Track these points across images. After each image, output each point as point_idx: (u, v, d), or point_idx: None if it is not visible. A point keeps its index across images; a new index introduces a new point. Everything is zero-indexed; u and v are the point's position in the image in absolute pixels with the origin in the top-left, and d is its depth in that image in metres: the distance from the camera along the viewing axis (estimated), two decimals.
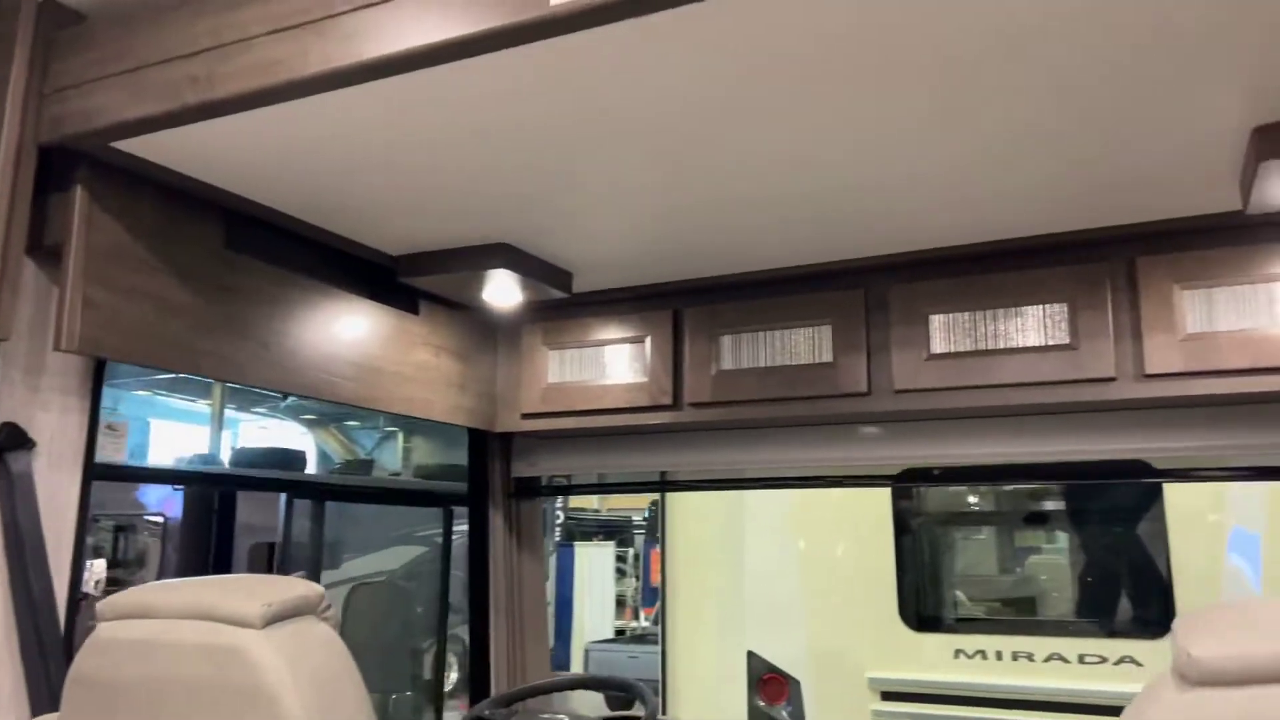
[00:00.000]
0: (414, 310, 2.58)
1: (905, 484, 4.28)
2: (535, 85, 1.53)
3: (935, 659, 4.49)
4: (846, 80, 1.51)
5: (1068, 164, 1.81)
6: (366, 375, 2.39)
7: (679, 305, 2.67)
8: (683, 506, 5.28)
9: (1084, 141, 1.72)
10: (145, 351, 1.83)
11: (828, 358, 2.45)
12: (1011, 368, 2.24)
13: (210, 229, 2.01)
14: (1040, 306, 2.24)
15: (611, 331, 2.74)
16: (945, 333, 2.33)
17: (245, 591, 1.40)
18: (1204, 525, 4.24)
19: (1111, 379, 2.16)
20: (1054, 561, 4.82)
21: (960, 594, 4.83)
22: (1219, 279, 2.08)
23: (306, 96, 1.53)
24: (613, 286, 2.68)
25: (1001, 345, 2.27)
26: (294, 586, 1.44)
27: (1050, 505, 4.74)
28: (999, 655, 4.35)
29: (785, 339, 2.51)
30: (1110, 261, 2.19)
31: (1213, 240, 2.09)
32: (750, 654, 4.83)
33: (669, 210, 2.07)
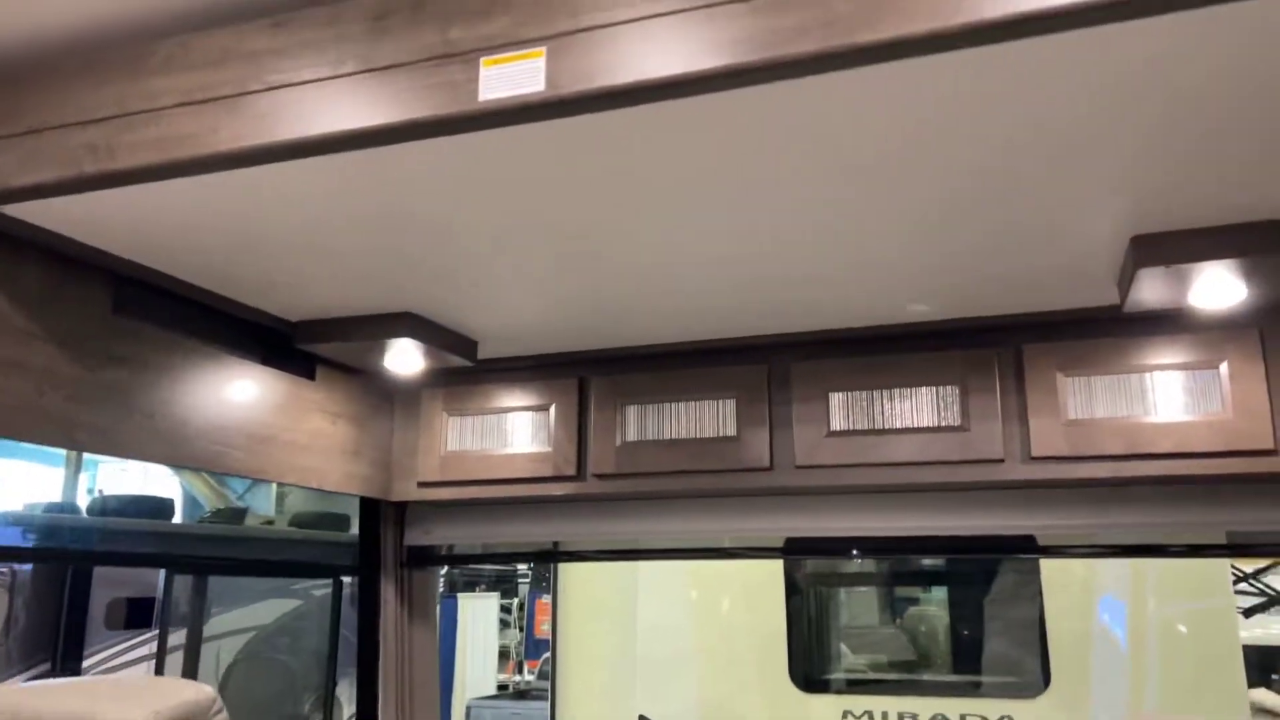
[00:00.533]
0: (310, 376, 2.50)
1: (794, 555, 4.33)
2: (448, 171, 1.51)
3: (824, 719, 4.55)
4: (750, 183, 1.55)
5: (960, 260, 1.90)
6: (258, 445, 2.28)
7: (585, 374, 2.66)
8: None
9: (974, 241, 1.81)
10: (18, 427, 1.71)
11: (731, 431, 2.48)
12: (907, 446, 2.32)
13: (97, 294, 1.90)
14: (934, 388, 2.33)
15: (515, 399, 2.71)
16: (844, 411, 2.39)
17: (132, 697, 1.30)
18: (1077, 592, 4.45)
19: (1000, 460, 2.26)
20: (937, 625, 4.97)
21: (847, 656, 4.92)
22: (1098, 368, 2.21)
23: (214, 172, 1.47)
24: (518, 354, 2.66)
25: (898, 425, 2.34)
26: (182, 690, 1.35)
27: (934, 569, 4.90)
28: (885, 716, 4.44)
29: (690, 411, 2.53)
30: (999, 348, 2.30)
31: (1093, 331, 2.22)
32: (641, 718, 4.79)
33: (577, 287, 2.07)
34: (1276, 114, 1.35)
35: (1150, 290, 1.89)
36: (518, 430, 2.69)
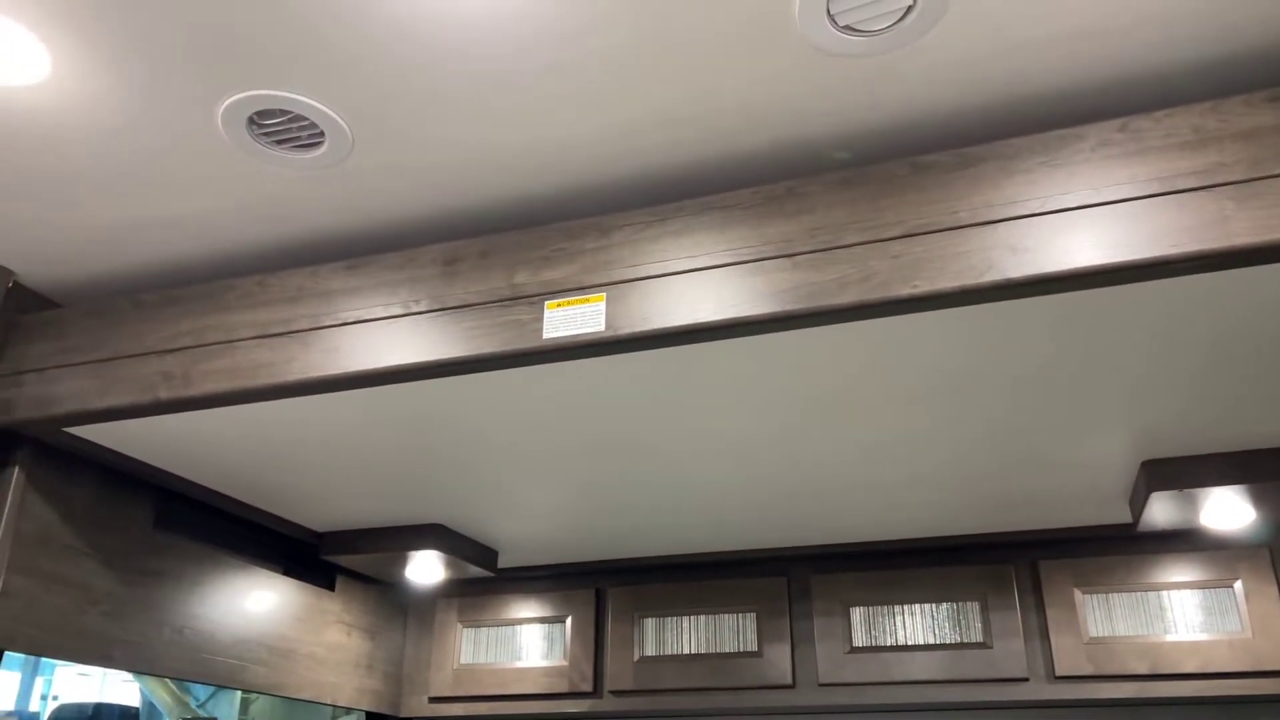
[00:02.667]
0: (330, 587, 2.50)
1: None
2: (483, 395, 1.60)
3: None
4: (781, 408, 1.65)
5: (976, 480, 1.98)
6: (279, 659, 2.26)
7: (602, 584, 2.67)
8: None
9: (991, 464, 1.89)
10: (57, 645, 1.70)
11: (753, 647, 2.47)
12: (931, 664, 2.31)
13: (141, 510, 1.94)
14: (954, 604, 2.36)
15: (531, 609, 2.70)
16: (865, 626, 2.40)
17: None
18: None
19: (1025, 679, 2.25)
20: None
21: None
22: (1115, 585, 2.25)
23: (283, 399, 1.56)
24: (536, 564, 2.67)
25: (920, 640, 2.34)
26: None
27: None
28: None
29: (710, 625, 2.53)
30: (1015, 564, 2.35)
31: (1108, 549, 2.28)
32: None
33: (602, 499, 2.12)
34: (1273, 354, 1.47)
35: (1162, 512, 1.96)
36: (532, 643, 2.67)
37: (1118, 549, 2.28)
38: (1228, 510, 1.96)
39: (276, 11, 1.21)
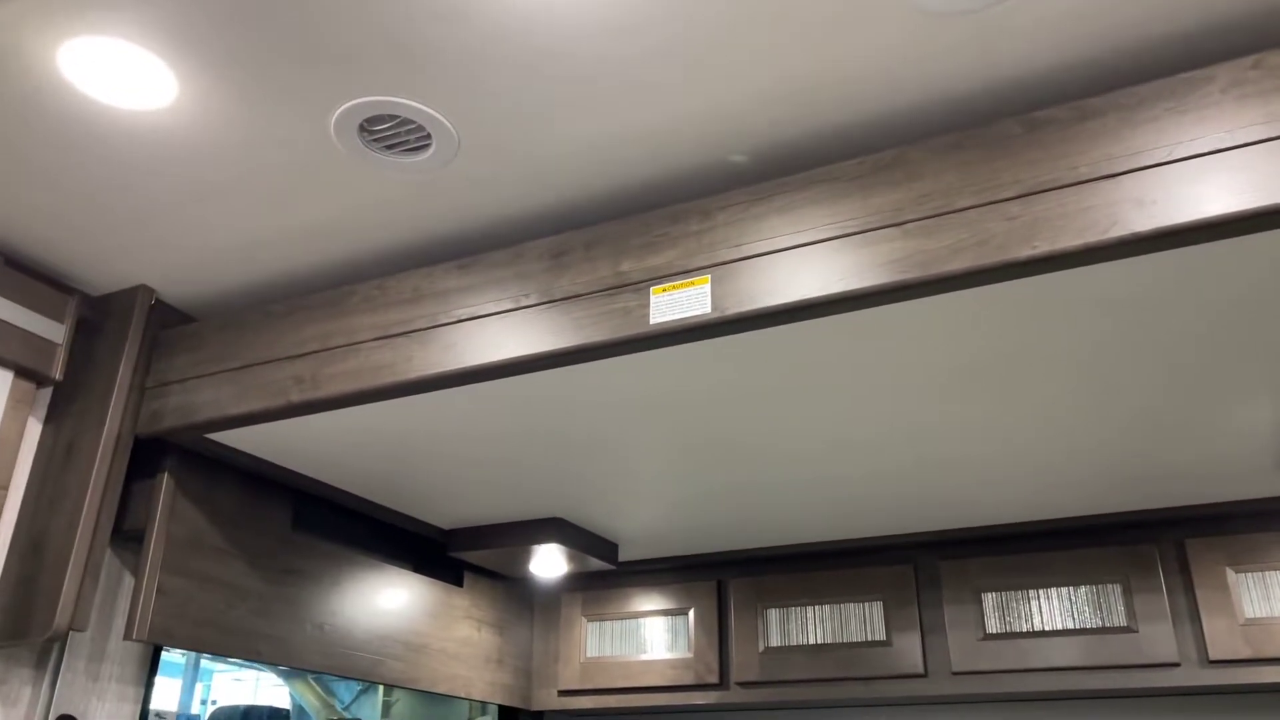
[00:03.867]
0: (459, 583, 2.56)
1: None
2: (603, 387, 1.61)
3: None
4: (902, 381, 1.60)
5: (1119, 455, 1.89)
6: (413, 654, 2.33)
7: (723, 576, 2.66)
8: None
9: (1134, 439, 1.80)
10: (211, 640, 1.80)
11: (881, 636, 2.41)
12: (1071, 650, 2.21)
13: (280, 512, 2.04)
14: (1093, 587, 2.25)
15: (653, 603, 2.71)
16: (999, 611, 2.32)
17: None
18: None
19: (1176, 664, 2.13)
20: None
21: None
22: (1273, 563, 2.10)
23: (406, 397, 1.61)
24: (656, 556, 2.68)
25: (1058, 626, 2.25)
26: None
27: None
28: None
29: (836, 615, 2.48)
30: (1159, 543, 2.22)
31: (1261, 524, 2.14)
32: None
33: (719, 489, 2.11)
34: None
35: None
36: (656, 635, 2.68)
37: (1272, 524, 2.13)
38: None
39: (379, 18, 1.25)
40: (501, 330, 1.52)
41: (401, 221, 1.66)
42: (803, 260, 1.37)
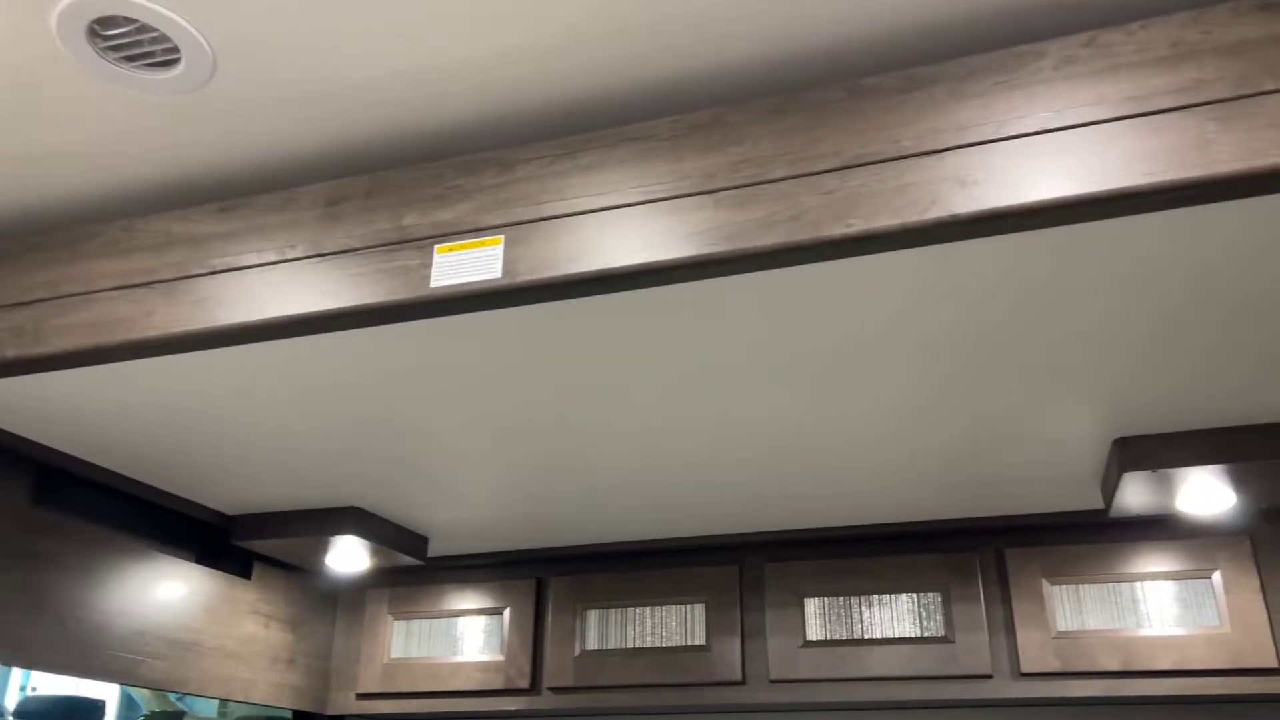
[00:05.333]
0: (246, 574, 2.31)
1: None
2: (400, 360, 1.43)
3: None
4: (717, 370, 1.48)
5: (937, 458, 1.82)
6: (181, 653, 2.08)
7: (543, 574, 2.50)
8: None
9: (951, 439, 1.73)
10: None
11: (701, 640, 2.30)
12: (890, 659, 2.15)
13: (15, 485, 1.76)
14: (914, 595, 2.20)
15: (467, 601, 2.53)
16: (822, 618, 2.24)
17: None
18: None
19: (989, 676, 2.09)
20: None
21: None
22: (1086, 575, 2.09)
23: (146, 358, 1.38)
24: (472, 552, 2.50)
25: (878, 634, 2.18)
26: None
27: None
28: None
29: (656, 617, 2.36)
30: (981, 552, 2.19)
31: (1078, 536, 2.12)
32: None
33: (536, 481, 1.95)
34: (1261, 322, 1.31)
35: (1136, 495, 1.80)
36: (469, 636, 2.50)
37: (1088, 536, 2.12)
38: (1206, 494, 1.80)
39: None
40: (261, 285, 1.31)
41: (155, 153, 1.42)
42: (607, 225, 1.21)
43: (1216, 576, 2.02)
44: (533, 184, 1.27)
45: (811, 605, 2.26)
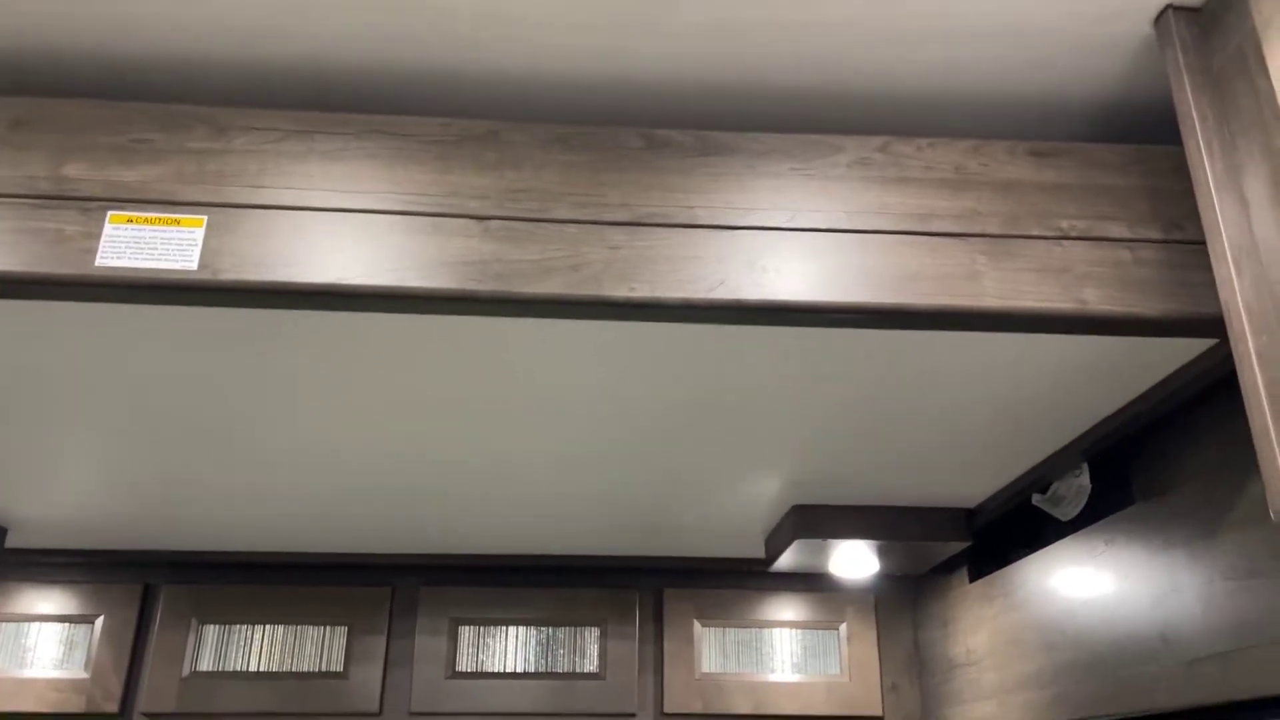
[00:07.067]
0: None
1: None
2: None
3: None
4: (416, 409, 1.32)
5: (629, 504, 1.79)
6: None
7: (155, 580, 2.13)
8: None
9: (650, 492, 1.71)
10: None
11: (339, 667, 2.08)
12: (538, 694, 2.09)
13: None
14: (573, 629, 2.16)
15: (50, 605, 2.09)
16: (473, 648, 2.13)
17: None
18: None
19: (633, 715, 2.11)
20: None
21: None
22: (733, 620, 2.18)
23: None
24: (62, 547, 2.06)
25: (533, 669, 2.12)
26: None
27: None
28: None
29: (291, 639, 2.10)
30: (640, 590, 2.20)
31: (730, 582, 2.21)
32: None
33: (152, 475, 1.62)
34: (906, 429, 1.40)
35: (798, 555, 1.90)
36: (46, 647, 2.06)
37: (740, 583, 2.21)
38: (857, 560, 1.94)
39: None
40: None
41: None
42: (345, 231, 1.01)
43: (843, 629, 2.20)
44: (253, 159, 1.02)
45: (465, 634, 2.14)
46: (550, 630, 2.16)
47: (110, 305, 1.03)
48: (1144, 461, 1.42)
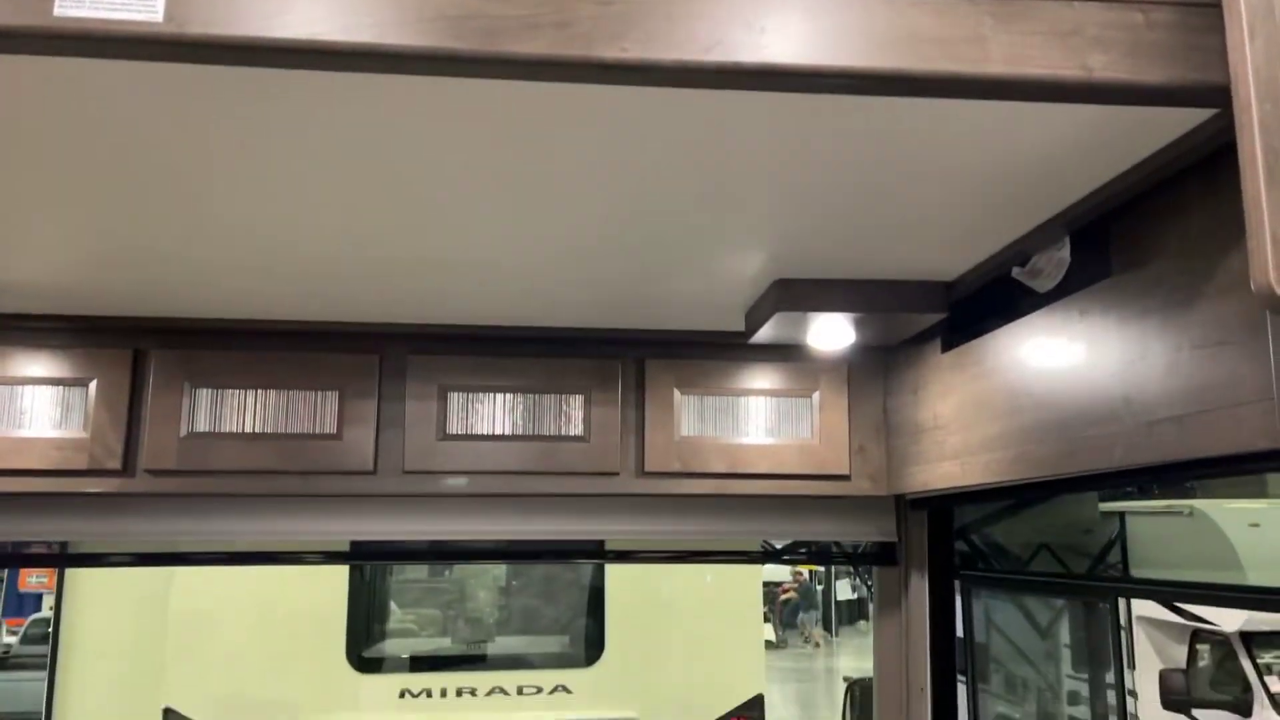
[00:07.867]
0: None
1: (365, 560, 3.94)
2: None
3: (381, 701, 4.35)
4: (380, 170, 1.29)
5: (602, 274, 1.80)
6: None
7: (144, 346, 2.16)
8: None
9: (621, 260, 1.71)
10: None
11: (332, 429, 2.16)
12: (525, 455, 2.19)
13: None
14: (556, 396, 2.23)
15: (41, 368, 2.12)
16: (462, 412, 2.21)
17: None
18: (636, 574, 4.72)
19: (616, 474, 2.23)
20: (499, 600, 4.99)
21: (406, 631, 4.75)
22: (711, 389, 2.26)
23: None
24: (53, 312, 2.07)
25: (521, 431, 2.21)
26: None
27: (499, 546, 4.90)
28: (443, 693, 4.36)
29: (284, 402, 2.16)
30: (623, 359, 2.26)
31: (711, 354, 2.27)
32: (167, 711, 4.21)
33: (140, 237, 1.60)
34: (904, 190, 1.39)
35: (778, 328, 1.94)
36: (43, 408, 2.11)
37: (719, 355, 2.28)
38: (835, 332, 1.99)
39: None
40: None
41: None
42: None
43: (815, 396, 2.29)
44: None
45: (454, 399, 2.21)
46: (536, 396, 2.24)
47: (74, 60, 0.98)
48: (1124, 234, 1.43)
